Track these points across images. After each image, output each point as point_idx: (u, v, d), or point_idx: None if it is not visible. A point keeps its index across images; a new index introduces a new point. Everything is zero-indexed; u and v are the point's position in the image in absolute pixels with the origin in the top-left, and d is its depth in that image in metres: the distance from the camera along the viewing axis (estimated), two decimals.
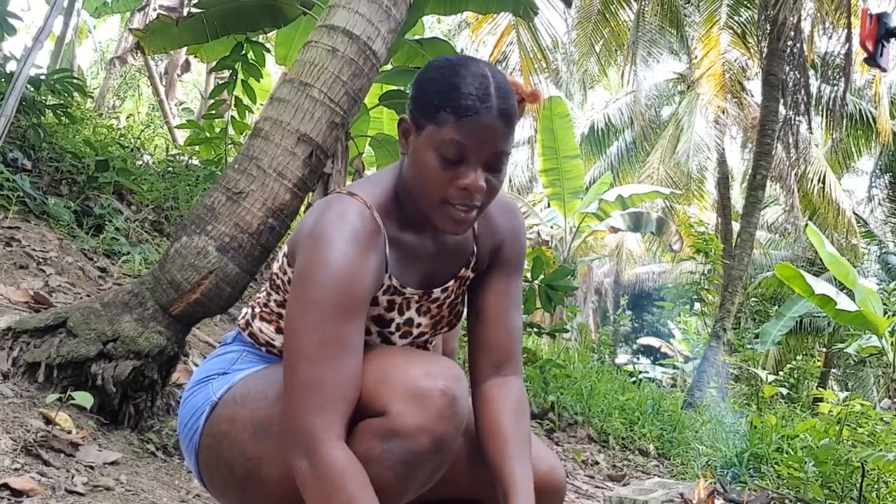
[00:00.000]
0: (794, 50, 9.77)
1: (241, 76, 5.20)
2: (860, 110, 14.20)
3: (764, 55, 10.26)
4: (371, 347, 1.20)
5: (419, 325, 1.31)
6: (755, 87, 13.96)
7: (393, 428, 1.08)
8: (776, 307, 14.00)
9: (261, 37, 5.57)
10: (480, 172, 1.14)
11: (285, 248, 1.29)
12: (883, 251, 16.09)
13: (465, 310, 1.39)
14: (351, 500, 1.05)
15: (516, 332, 1.34)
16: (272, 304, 1.32)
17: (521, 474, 1.20)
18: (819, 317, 13.28)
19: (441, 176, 1.14)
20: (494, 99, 1.13)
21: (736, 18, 12.35)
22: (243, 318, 1.38)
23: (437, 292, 1.30)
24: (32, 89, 4.28)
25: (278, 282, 1.29)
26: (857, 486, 3.76)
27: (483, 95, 1.12)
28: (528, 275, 4.54)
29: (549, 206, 13.75)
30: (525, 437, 1.25)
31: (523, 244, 1.37)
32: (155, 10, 8.69)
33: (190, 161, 6.05)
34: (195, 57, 6.27)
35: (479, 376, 1.32)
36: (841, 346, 10.16)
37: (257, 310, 1.35)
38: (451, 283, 1.32)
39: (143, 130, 8.21)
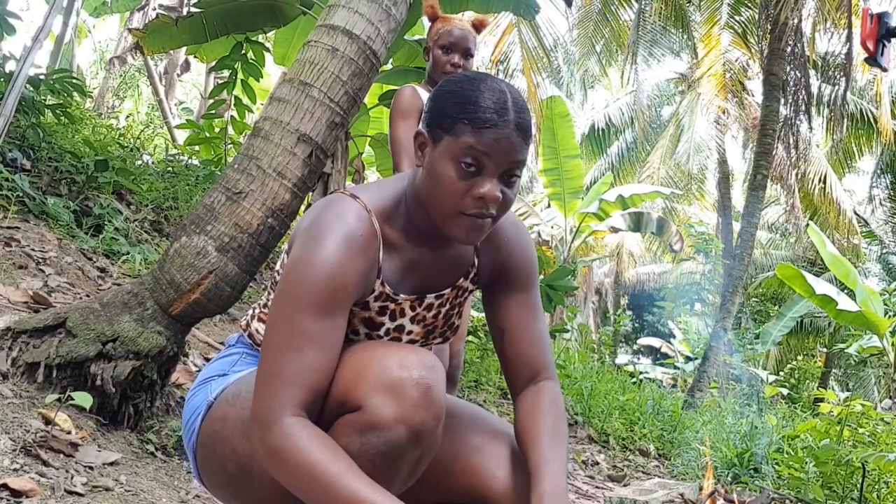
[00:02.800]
0: (795, 50, 9.77)
1: (240, 76, 5.20)
2: (861, 110, 14.20)
3: (765, 55, 10.25)
4: (351, 343, 1.21)
5: (410, 332, 1.32)
6: (756, 86, 13.96)
7: (370, 421, 1.09)
8: (777, 307, 14.01)
9: (260, 36, 5.57)
10: (496, 183, 1.16)
11: (286, 247, 1.29)
12: (884, 251, 16.09)
13: (489, 328, 1.40)
14: (315, 465, 1.05)
15: (544, 343, 1.35)
16: (271, 303, 1.32)
17: (549, 458, 1.20)
18: (820, 317, 13.29)
19: (458, 186, 1.16)
20: (511, 112, 1.15)
21: (737, 18, 12.34)
22: (245, 319, 1.40)
23: (430, 298, 1.31)
24: (32, 89, 4.28)
25: (278, 279, 1.30)
26: (858, 486, 3.75)
27: (501, 108, 1.14)
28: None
29: (549, 206, 13.76)
30: (556, 430, 1.26)
31: (531, 257, 1.38)
32: (154, 9, 8.69)
33: (189, 161, 6.04)
34: (195, 57, 6.26)
35: (515, 389, 1.34)
36: (842, 346, 10.16)
37: (257, 311, 1.37)
38: (448, 291, 1.33)
39: (142, 130, 8.21)
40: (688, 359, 11.98)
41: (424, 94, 2.57)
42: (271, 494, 1.18)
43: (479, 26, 2.66)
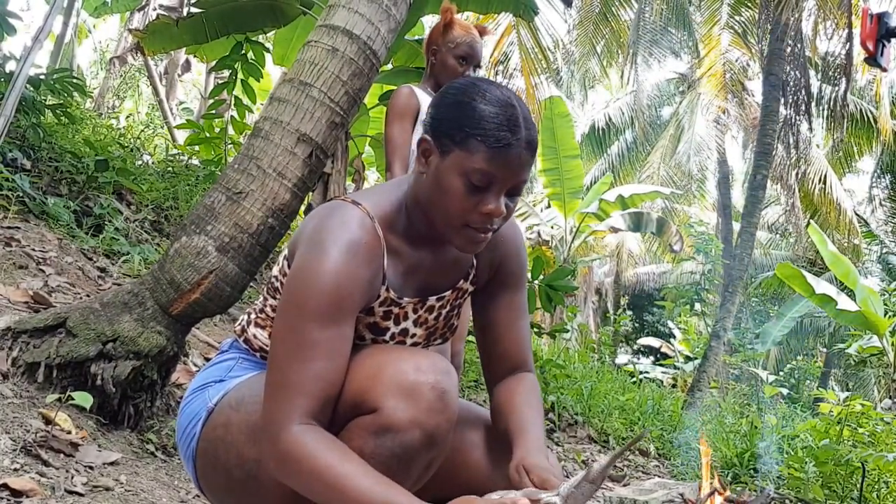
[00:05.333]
0: (795, 50, 9.77)
1: (240, 76, 5.19)
2: (861, 110, 14.20)
3: (765, 55, 10.26)
4: (361, 347, 1.22)
5: (413, 335, 1.33)
6: (756, 86, 13.97)
7: (385, 423, 1.09)
8: (777, 307, 14.01)
9: (261, 37, 5.56)
10: (503, 199, 1.18)
11: (285, 252, 1.29)
12: (884, 251, 16.09)
13: (473, 324, 1.42)
14: (326, 468, 1.06)
15: (526, 341, 1.38)
16: (268, 309, 1.32)
17: (529, 421, 1.23)
18: (819, 317, 13.30)
19: (466, 201, 1.16)
20: (523, 130, 1.15)
21: (737, 18, 12.36)
22: (239, 324, 1.39)
23: (432, 300, 1.32)
24: (32, 89, 4.28)
25: (276, 284, 1.30)
26: (858, 486, 3.75)
27: (513, 127, 1.15)
28: (529, 275, 4.54)
29: (549, 206, 13.75)
30: (534, 405, 1.28)
31: (524, 258, 1.40)
32: (154, 9, 8.68)
33: (190, 161, 6.05)
34: (195, 57, 6.26)
35: (493, 381, 1.37)
36: (841, 346, 10.15)
37: (253, 316, 1.36)
38: (448, 293, 1.34)
39: (142, 130, 8.21)
40: (688, 359, 11.97)
41: (422, 95, 2.58)
42: (278, 499, 1.18)
43: (483, 33, 2.68)
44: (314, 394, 1.11)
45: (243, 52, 5.08)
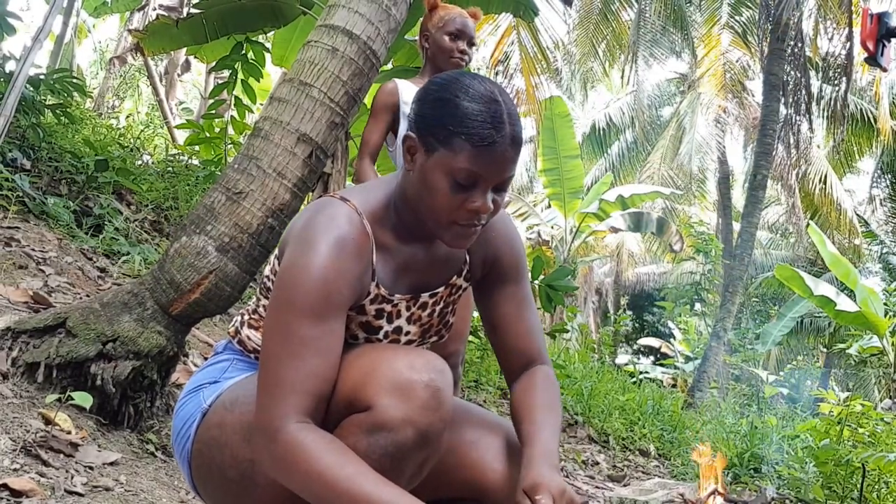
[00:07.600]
0: (795, 50, 9.78)
1: (240, 76, 5.19)
2: (861, 110, 14.21)
3: (765, 55, 10.27)
4: (355, 345, 1.22)
5: (407, 332, 1.32)
6: (756, 86, 13.98)
7: (378, 421, 1.09)
8: (777, 307, 14.01)
9: (260, 37, 5.56)
10: (489, 195, 1.17)
11: (276, 251, 1.29)
12: (885, 251, 16.10)
13: (483, 325, 1.41)
14: (325, 470, 1.05)
15: (536, 332, 1.37)
16: (261, 309, 1.32)
17: (540, 425, 1.22)
18: (820, 317, 13.29)
19: (451, 199, 1.16)
20: (507, 126, 1.14)
21: (737, 18, 12.37)
22: (233, 325, 1.39)
23: (425, 297, 1.31)
24: (32, 89, 4.28)
25: (268, 284, 1.30)
26: (858, 486, 3.75)
27: (497, 124, 1.13)
28: (529, 275, 4.54)
29: (549, 206, 13.75)
30: (550, 405, 1.28)
31: (520, 250, 1.39)
32: (154, 10, 8.68)
33: (189, 161, 6.04)
34: (195, 57, 6.26)
35: (511, 377, 1.37)
36: (842, 346, 10.15)
37: (246, 317, 1.36)
38: (441, 289, 1.33)
39: (142, 130, 8.21)
40: (688, 359, 11.97)
41: (410, 88, 2.54)
42: (273, 500, 1.18)
43: (474, 17, 2.66)
44: (308, 391, 1.11)
45: (243, 52, 5.08)
